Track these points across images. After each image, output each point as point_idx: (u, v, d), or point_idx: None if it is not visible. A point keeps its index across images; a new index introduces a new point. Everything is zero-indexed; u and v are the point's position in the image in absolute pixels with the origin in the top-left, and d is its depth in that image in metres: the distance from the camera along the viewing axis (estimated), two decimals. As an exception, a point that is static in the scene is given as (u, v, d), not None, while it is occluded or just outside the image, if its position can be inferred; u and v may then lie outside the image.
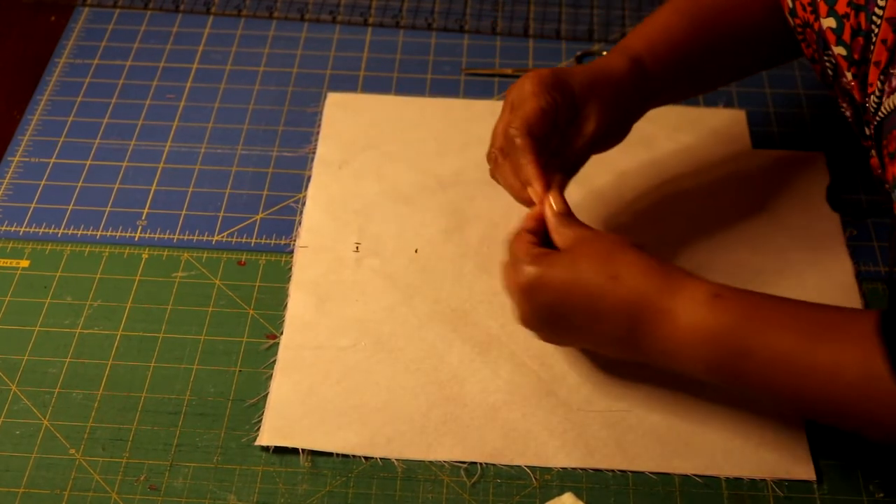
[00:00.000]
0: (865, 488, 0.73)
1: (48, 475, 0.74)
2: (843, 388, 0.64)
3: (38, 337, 0.82)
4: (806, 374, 0.66)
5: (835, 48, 0.71)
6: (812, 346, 0.66)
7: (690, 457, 0.74)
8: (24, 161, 0.96)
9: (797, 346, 0.66)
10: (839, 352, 0.65)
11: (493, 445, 0.75)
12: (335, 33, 1.09)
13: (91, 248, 0.88)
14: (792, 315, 0.67)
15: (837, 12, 0.69)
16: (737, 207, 0.90)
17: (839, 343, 0.65)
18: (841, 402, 0.65)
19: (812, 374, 0.66)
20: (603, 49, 1.06)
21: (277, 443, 0.75)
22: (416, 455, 0.74)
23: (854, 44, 0.69)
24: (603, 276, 0.68)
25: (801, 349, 0.66)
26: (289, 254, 0.88)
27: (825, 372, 0.65)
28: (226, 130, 0.99)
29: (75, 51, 1.07)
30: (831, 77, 0.74)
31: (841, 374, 0.64)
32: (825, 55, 0.73)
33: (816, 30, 0.73)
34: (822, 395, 0.66)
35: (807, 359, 0.66)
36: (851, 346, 0.64)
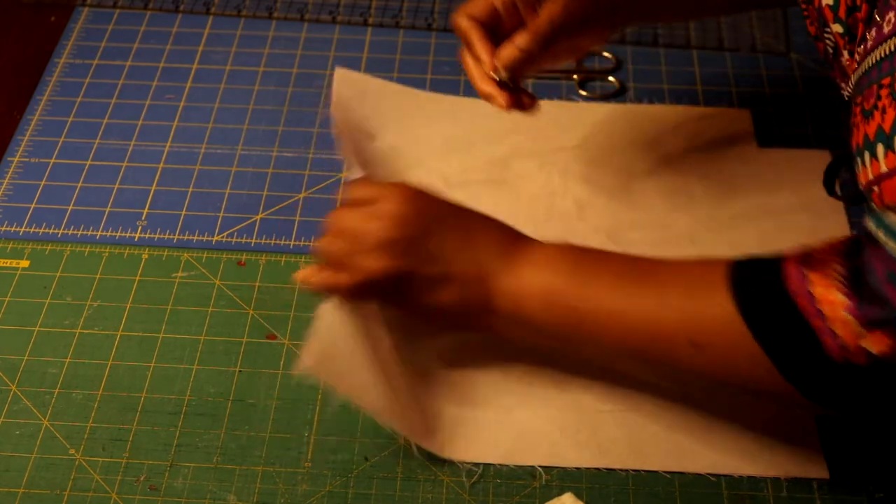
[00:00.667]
0: (865, 488, 0.73)
1: (48, 475, 0.74)
2: (698, 335, 0.66)
3: (38, 337, 0.82)
4: (651, 333, 0.68)
5: (833, 26, 0.71)
6: (661, 298, 0.68)
7: (702, 456, 0.74)
8: (24, 161, 0.96)
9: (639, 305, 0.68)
10: (684, 307, 0.67)
11: (506, 447, 0.75)
12: (335, 33, 1.09)
13: (91, 248, 0.88)
14: (626, 269, 0.70)
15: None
16: (743, 207, 0.90)
17: (690, 293, 0.67)
18: (689, 357, 0.67)
19: (658, 331, 0.68)
20: (603, 49, 1.06)
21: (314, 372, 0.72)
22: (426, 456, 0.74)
23: (850, 20, 0.69)
24: (477, 219, 0.74)
25: (643, 308, 0.68)
26: (289, 254, 0.88)
27: (670, 328, 0.67)
28: (226, 131, 0.99)
29: (75, 51, 1.07)
30: (832, 55, 0.74)
31: (696, 321, 0.66)
32: (825, 32, 0.73)
33: (817, 7, 0.72)
34: (667, 351, 0.68)
35: (651, 317, 0.68)
36: (703, 294, 0.66)
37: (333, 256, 0.72)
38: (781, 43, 1.07)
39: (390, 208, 0.72)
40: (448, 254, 0.72)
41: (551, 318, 0.71)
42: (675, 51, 1.07)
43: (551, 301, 0.71)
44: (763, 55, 1.06)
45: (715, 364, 0.67)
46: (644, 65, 1.05)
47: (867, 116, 0.62)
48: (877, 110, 0.61)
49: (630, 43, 1.07)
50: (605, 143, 0.96)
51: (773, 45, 1.07)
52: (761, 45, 1.07)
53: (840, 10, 0.69)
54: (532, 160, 0.94)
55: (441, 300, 0.73)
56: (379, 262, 0.71)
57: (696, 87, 1.03)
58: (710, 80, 1.03)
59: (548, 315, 0.71)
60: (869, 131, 0.62)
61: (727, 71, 1.04)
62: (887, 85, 0.61)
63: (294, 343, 0.82)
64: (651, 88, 1.02)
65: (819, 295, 0.61)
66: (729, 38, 1.08)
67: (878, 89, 0.61)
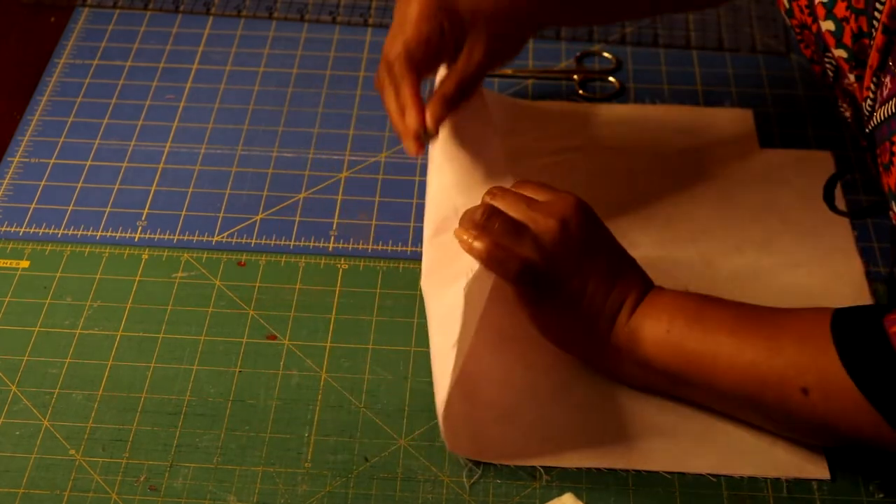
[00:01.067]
0: (865, 488, 0.73)
1: (48, 475, 0.74)
2: (809, 382, 0.67)
3: (38, 337, 0.82)
4: (763, 378, 0.69)
5: (835, 51, 0.71)
6: (775, 344, 0.69)
7: (705, 456, 0.74)
8: (24, 161, 0.96)
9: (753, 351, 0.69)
10: (796, 354, 0.67)
11: (510, 447, 0.75)
12: (335, 33, 1.09)
13: (91, 248, 0.88)
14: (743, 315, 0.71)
15: (836, 15, 0.69)
16: (745, 207, 0.90)
17: (803, 341, 0.68)
18: (799, 404, 0.68)
19: (770, 376, 0.68)
20: (603, 49, 1.06)
21: None
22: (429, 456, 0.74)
23: (856, 46, 0.69)
24: (625, 256, 0.77)
25: (756, 354, 0.69)
26: (289, 254, 0.88)
27: (782, 374, 0.68)
28: (226, 131, 0.99)
29: (75, 51, 1.07)
30: (832, 78, 0.74)
31: (807, 368, 0.67)
32: (825, 57, 0.73)
33: (815, 32, 0.72)
34: (779, 397, 0.69)
35: (763, 364, 0.68)
36: (814, 343, 0.67)
37: (497, 230, 0.73)
38: (781, 43, 1.07)
39: (561, 212, 0.74)
40: (592, 277, 0.74)
41: (666, 359, 0.73)
42: (675, 51, 1.07)
43: (668, 343, 0.72)
44: (763, 55, 1.06)
45: (825, 412, 0.68)
46: (644, 65, 1.05)
47: (888, 169, 0.63)
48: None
49: (630, 43, 1.07)
50: (608, 143, 0.96)
51: (773, 45, 1.07)
52: (761, 46, 1.07)
53: (844, 36, 0.69)
54: (534, 160, 0.94)
55: (569, 318, 0.75)
56: (533, 254, 0.73)
57: (696, 87, 1.03)
58: (710, 80, 1.03)
59: (663, 357, 0.73)
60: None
61: (727, 71, 1.04)
62: None
63: (294, 343, 0.82)
64: (651, 89, 1.02)
65: None
66: (729, 38, 1.08)
67: None
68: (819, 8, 0.70)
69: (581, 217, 0.75)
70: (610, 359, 0.76)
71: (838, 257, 0.86)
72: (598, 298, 0.74)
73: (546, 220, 0.74)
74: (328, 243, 0.89)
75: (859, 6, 0.67)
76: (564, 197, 0.76)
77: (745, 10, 1.11)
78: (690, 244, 0.88)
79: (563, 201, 0.75)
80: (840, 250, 0.87)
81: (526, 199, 0.76)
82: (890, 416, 0.65)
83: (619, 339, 0.74)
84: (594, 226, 0.76)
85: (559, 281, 0.73)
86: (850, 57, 0.70)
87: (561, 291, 0.74)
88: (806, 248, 0.87)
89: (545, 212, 0.74)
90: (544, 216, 0.74)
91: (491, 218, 0.73)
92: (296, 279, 0.86)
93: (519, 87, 1.02)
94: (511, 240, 0.73)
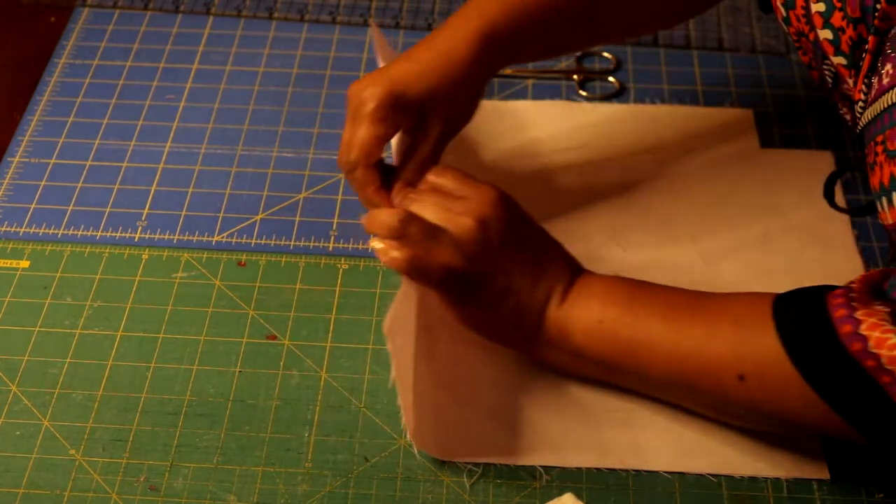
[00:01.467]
0: (865, 488, 0.73)
1: (48, 475, 0.74)
2: (745, 368, 0.67)
3: (38, 337, 0.82)
4: (699, 366, 0.69)
5: (834, 58, 0.71)
6: (710, 331, 0.69)
7: (704, 456, 0.74)
8: (24, 161, 0.96)
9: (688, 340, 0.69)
10: (731, 340, 0.68)
11: (506, 446, 0.75)
12: (335, 33, 1.09)
13: (91, 248, 0.88)
14: (677, 302, 0.71)
15: (833, 25, 0.69)
16: (746, 207, 0.90)
17: (738, 327, 0.68)
18: (736, 391, 0.68)
19: (706, 364, 0.69)
20: (603, 49, 1.06)
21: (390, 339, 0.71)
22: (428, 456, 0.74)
23: (856, 54, 0.69)
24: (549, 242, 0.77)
25: (692, 342, 0.69)
26: (289, 254, 0.88)
27: (718, 362, 0.68)
28: (226, 131, 0.99)
29: (75, 51, 1.07)
30: (831, 84, 0.74)
31: (743, 354, 0.67)
32: (824, 64, 0.73)
33: (812, 40, 0.73)
34: (715, 385, 0.69)
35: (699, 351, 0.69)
36: (750, 329, 0.67)
37: (412, 236, 0.71)
38: (781, 43, 1.07)
39: (479, 210, 0.73)
40: (516, 272, 0.73)
41: (599, 348, 0.73)
42: (675, 51, 1.07)
43: (598, 328, 0.72)
44: (763, 55, 1.06)
45: (762, 398, 0.67)
46: (644, 65, 1.05)
47: (893, 157, 0.63)
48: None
49: (630, 43, 1.07)
50: (608, 143, 0.96)
51: (773, 46, 1.07)
52: (761, 46, 1.07)
53: (841, 43, 0.69)
54: (534, 161, 0.94)
55: (496, 315, 0.74)
56: (453, 258, 0.71)
57: (696, 87, 1.03)
58: (710, 80, 1.03)
59: (596, 346, 0.73)
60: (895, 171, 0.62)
61: (727, 71, 1.04)
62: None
63: (294, 343, 0.82)
64: (651, 88, 1.02)
65: (878, 346, 0.61)
66: (729, 38, 1.08)
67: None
68: (816, 17, 0.70)
69: (500, 212, 0.73)
70: (542, 350, 0.75)
71: (838, 256, 0.86)
72: (524, 293, 0.73)
73: (464, 219, 0.72)
74: (328, 243, 0.89)
75: (855, 15, 0.67)
76: (483, 192, 0.74)
77: (745, 10, 1.11)
78: (690, 244, 0.88)
79: (481, 197, 0.73)
80: (840, 249, 0.87)
81: (442, 198, 0.74)
82: (830, 398, 0.64)
83: (549, 331, 0.74)
84: (514, 219, 0.75)
85: (482, 281, 0.72)
86: (849, 63, 0.70)
87: (485, 291, 0.73)
88: (805, 247, 0.87)
89: (463, 210, 0.72)
90: (462, 216, 0.72)
91: (407, 224, 0.71)
92: (296, 279, 0.86)
93: (519, 87, 1.02)
94: (429, 245, 0.71)
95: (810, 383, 0.64)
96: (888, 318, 0.62)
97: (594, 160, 0.94)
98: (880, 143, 0.64)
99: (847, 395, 0.64)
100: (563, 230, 0.88)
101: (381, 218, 0.72)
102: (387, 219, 0.71)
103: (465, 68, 0.77)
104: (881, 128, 0.65)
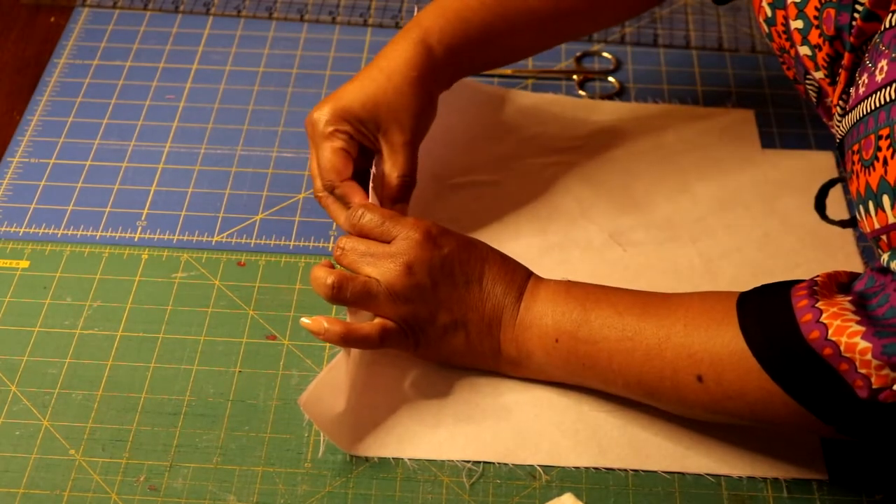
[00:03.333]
0: (865, 488, 0.73)
1: (48, 476, 0.74)
2: (704, 370, 0.67)
3: (37, 337, 0.82)
4: (657, 372, 0.69)
5: (815, 73, 0.71)
6: (664, 333, 0.69)
7: (702, 456, 0.74)
8: (24, 161, 0.96)
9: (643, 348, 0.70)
10: (685, 343, 0.68)
11: (505, 445, 0.75)
12: (335, 33, 1.09)
13: (91, 248, 0.88)
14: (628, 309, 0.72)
15: (810, 42, 0.70)
16: (746, 207, 0.90)
17: (694, 327, 0.68)
18: (695, 391, 0.68)
19: (664, 369, 0.69)
20: (603, 49, 1.06)
21: (308, 414, 0.73)
22: (427, 455, 0.75)
23: (833, 69, 0.70)
24: (488, 260, 0.76)
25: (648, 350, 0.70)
26: (289, 254, 0.88)
27: (675, 366, 0.69)
28: (226, 131, 0.99)
29: (75, 51, 1.07)
30: (815, 98, 0.75)
31: (700, 356, 0.68)
32: (806, 79, 0.74)
33: (794, 56, 0.73)
34: (674, 387, 0.69)
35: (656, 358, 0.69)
36: (707, 329, 0.68)
37: (349, 299, 0.74)
38: (781, 43, 1.07)
39: (406, 254, 0.74)
40: (458, 302, 0.75)
41: (557, 362, 0.74)
42: (675, 51, 1.07)
43: (556, 347, 0.73)
44: (763, 55, 1.06)
45: (722, 396, 0.68)
46: (644, 65, 1.05)
47: (867, 166, 0.63)
48: (877, 161, 0.62)
49: (630, 43, 1.07)
50: (609, 143, 0.96)
51: (773, 46, 1.07)
52: (761, 46, 1.07)
53: (818, 58, 0.70)
54: (535, 160, 0.94)
55: (451, 347, 0.76)
56: (391, 310, 0.74)
57: (696, 87, 1.03)
58: (710, 80, 1.03)
59: (554, 360, 0.74)
60: (871, 181, 0.63)
61: (727, 71, 1.04)
62: (886, 136, 0.61)
63: (294, 343, 0.81)
64: (651, 88, 1.02)
65: (837, 334, 0.62)
66: (729, 38, 1.08)
67: (877, 140, 0.62)
68: (795, 34, 0.71)
69: (427, 251, 0.74)
70: (508, 367, 0.77)
71: (839, 258, 0.86)
72: (472, 323, 0.75)
73: (393, 267, 0.73)
74: (328, 243, 0.89)
75: (830, 33, 0.67)
76: (407, 231, 0.75)
77: (745, 10, 1.11)
78: (690, 244, 0.88)
79: (406, 238, 0.74)
80: (840, 250, 0.87)
81: (367, 246, 0.75)
82: (789, 388, 0.65)
83: (509, 352, 0.76)
84: (447, 251, 0.75)
85: (425, 323, 0.74)
86: (830, 78, 0.70)
87: (430, 330, 0.75)
88: (806, 248, 0.87)
89: (389, 257, 0.74)
90: (389, 263, 0.74)
91: (340, 290, 0.73)
92: (295, 279, 0.86)
93: (519, 87, 1.02)
94: (365, 306, 0.74)
95: (770, 373, 0.65)
96: (849, 308, 0.62)
97: (594, 159, 0.94)
98: (856, 152, 0.65)
99: (806, 385, 0.64)
100: (564, 230, 0.88)
101: (319, 280, 0.74)
102: (320, 287, 0.74)
103: (402, 75, 0.81)
104: (857, 137, 0.65)
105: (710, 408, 0.69)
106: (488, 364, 0.77)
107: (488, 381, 0.78)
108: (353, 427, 0.75)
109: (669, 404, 0.72)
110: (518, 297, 0.75)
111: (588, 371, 0.73)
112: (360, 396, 0.76)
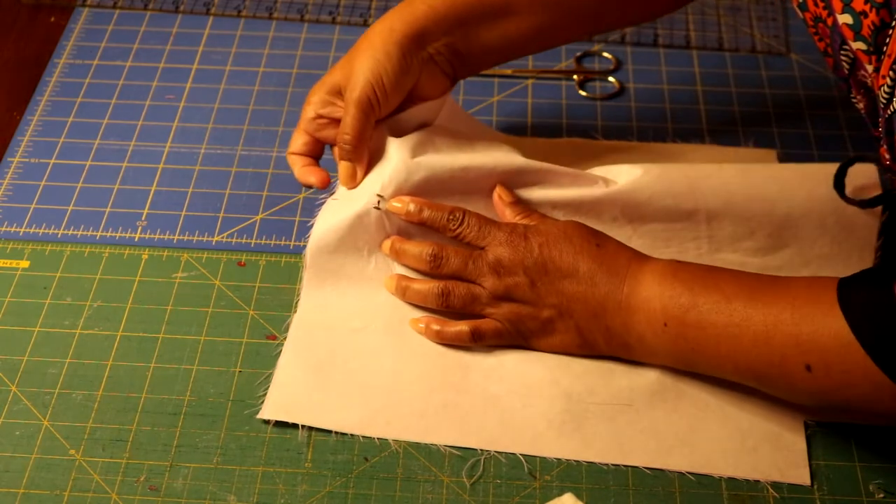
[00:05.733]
0: (865, 489, 0.73)
1: (48, 476, 0.74)
2: (812, 358, 0.67)
3: (38, 337, 0.82)
4: (766, 360, 0.69)
5: (853, 43, 0.70)
6: (772, 320, 0.69)
7: (686, 454, 0.74)
8: (24, 162, 0.96)
9: (751, 337, 0.70)
10: (795, 332, 0.68)
11: (489, 432, 0.75)
12: (335, 34, 1.09)
13: (91, 248, 0.88)
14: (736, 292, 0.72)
15: (854, 9, 0.69)
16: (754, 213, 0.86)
17: (801, 315, 0.68)
18: (803, 380, 0.68)
19: (772, 357, 0.69)
20: (603, 49, 1.06)
21: (279, 417, 0.76)
22: (412, 437, 0.75)
23: (879, 38, 0.69)
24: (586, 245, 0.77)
25: (756, 338, 0.69)
26: (289, 254, 0.88)
27: (783, 354, 0.68)
28: (226, 131, 0.99)
29: (75, 51, 1.07)
30: (847, 70, 0.74)
31: (808, 344, 0.67)
32: (842, 49, 0.73)
33: (830, 25, 0.72)
34: (782, 375, 0.69)
35: (764, 346, 0.69)
36: (814, 317, 0.67)
37: (453, 304, 0.79)
38: (781, 43, 1.07)
39: (499, 258, 0.77)
40: (558, 295, 0.76)
41: (666, 346, 0.74)
42: (675, 51, 1.07)
43: (665, 331, 0.74)
44: (763, 55, 1.06)
45: (831, 389, 0.68)
46: (644, 65, 1.05)
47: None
48: None
49: (630, 43, 1.08)
50: None
51: (773, 46, 1.07)
52: (761, 45, 1.07)
53: (863, 28, 0.69)
54: None
55: (561, 338, 0.78)
56: (495, 311, 0.78)
57: (696, 87, 1.03)
58: (710, 80, 1.03)
59: (664, 343, 0.74)
60: None
61: (727, 71, 1.04)
62: None
63: (294, 343, 0.82)
64: (651, 88, 1.02)
65: None
66: (729, 38, 1.08)
67: None
68: (835, 2, 0.70)
69: (515, 254, 0.77)
70: (620, 352, 0.78)
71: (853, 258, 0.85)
72: (578, 311, 0.76)
73: (489, 272, 0.77)
74: (328, 243, 0.89)
75: (879, 1, 0.66)
76: (500, 236, 0.78)
77: (745, 10, 1.11)
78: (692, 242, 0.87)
79: (497, 246, 0.78)
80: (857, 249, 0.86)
81: (462, 260, 0.79)
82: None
83: (621, 337, 0.76)
84: (532, 253, 0.77)
85: (529, 319, 0.77)
86: (869, 49, 0.69)
87: (536, 326, 0.78)
88: (815, 246, 0.86)
89: (486, 264, 0.78)
90: (485, 268, 0.78)
91: (448, 296, 0.79)
92: (296, 279, 0.86)
93: (519, 86, 1.02)
94: (471, 310, 0.79)
95: (880, 366, 0.65)
96: None
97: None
98: None
99: None
100: None
101: (422, 293, 0.80)
102: (426, 295, 0.79)
103: (376, 32, 0.81)
104: None
105: (816, 397, 0.70)
106: (602, 350, 0.78)
107: (479, 369, 0.79)
108: (341, 405, 0.77)
109: (779, 391, 0.73)
110: (621, 282, 0.75)
111: (697, 356, 0.73)
112: (346, 378, 0.78)
